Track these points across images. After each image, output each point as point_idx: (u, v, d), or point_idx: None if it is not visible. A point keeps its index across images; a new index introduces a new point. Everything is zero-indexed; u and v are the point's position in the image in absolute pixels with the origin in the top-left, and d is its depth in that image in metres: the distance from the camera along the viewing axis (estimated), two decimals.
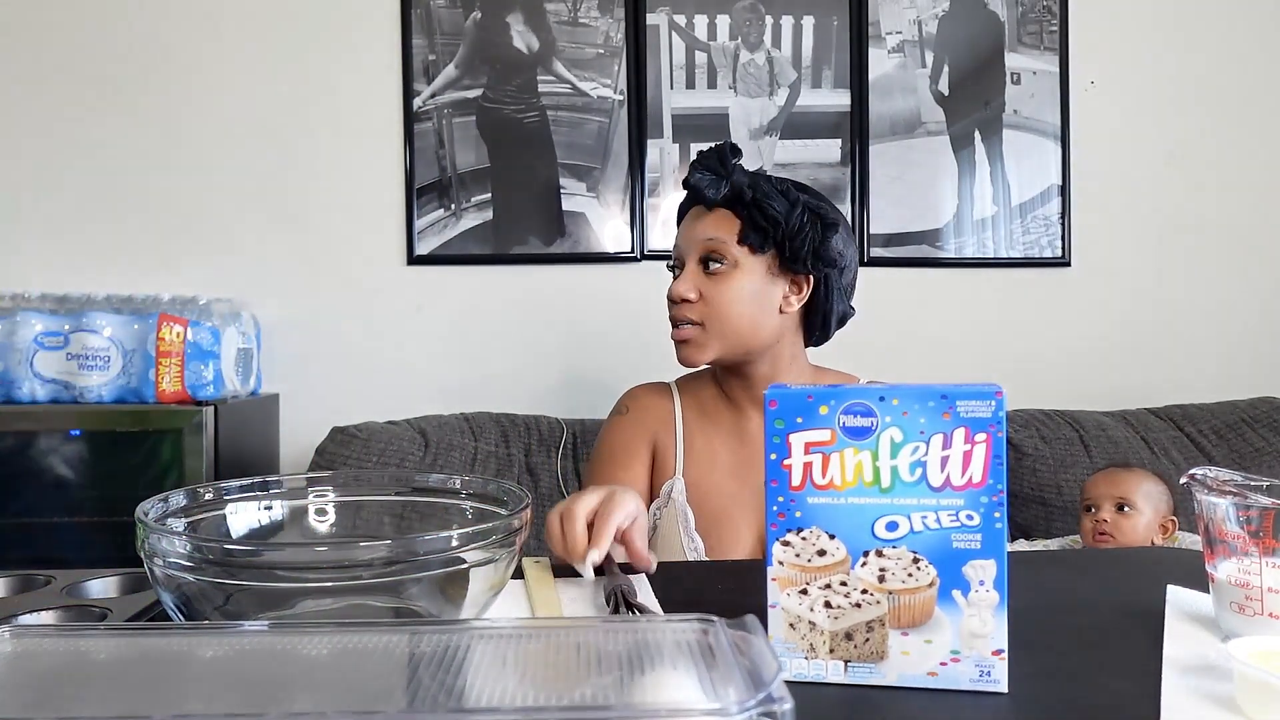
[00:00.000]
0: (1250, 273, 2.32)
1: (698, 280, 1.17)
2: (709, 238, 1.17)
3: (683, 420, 1.26)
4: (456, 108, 2.19)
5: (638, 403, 1.29)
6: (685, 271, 1.19)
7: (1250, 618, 0.70)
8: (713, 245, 1.17)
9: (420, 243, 2.19)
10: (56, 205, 2.16)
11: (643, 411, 1.27)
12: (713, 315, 1.17)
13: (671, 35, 2.22)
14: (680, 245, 1.22)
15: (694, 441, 1.24)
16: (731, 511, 1.19)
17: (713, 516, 1.19)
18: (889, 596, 0.63)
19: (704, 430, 1.25)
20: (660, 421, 1.26)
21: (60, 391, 1.86)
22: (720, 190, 1.17)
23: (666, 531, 1.19)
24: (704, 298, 1.17)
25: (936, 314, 2.26)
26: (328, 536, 0.85)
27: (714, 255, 1.17)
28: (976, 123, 2.26)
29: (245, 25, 2.17)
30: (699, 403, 1.27)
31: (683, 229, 1.22)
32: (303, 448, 2.13)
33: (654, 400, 1.28)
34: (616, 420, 1.29)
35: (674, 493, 1.21)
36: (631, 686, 0.46)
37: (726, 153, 1.18)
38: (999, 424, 0.62)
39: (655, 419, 1.26)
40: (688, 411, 1.26)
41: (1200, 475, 0.74)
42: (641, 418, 1.27)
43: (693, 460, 1.23)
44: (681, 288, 1.17)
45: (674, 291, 1.18)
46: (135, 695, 0.49)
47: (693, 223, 1.20)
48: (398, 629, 0.54)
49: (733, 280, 1.16)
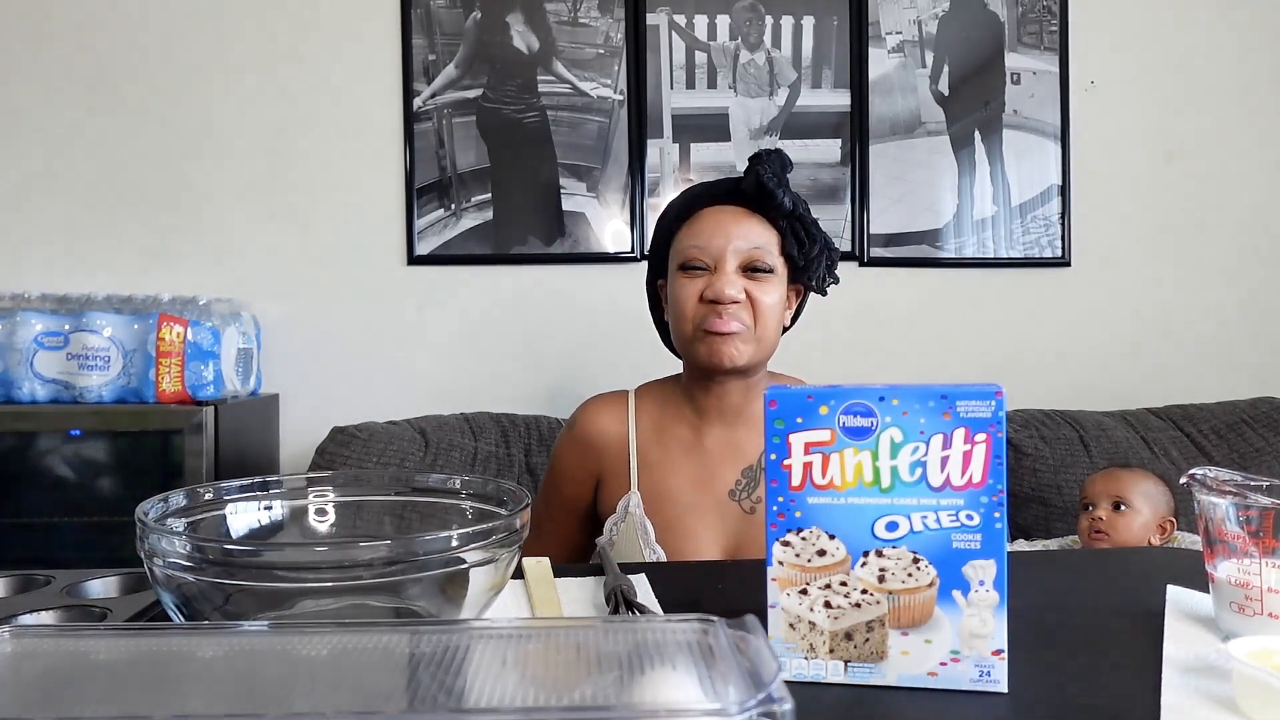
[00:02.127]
0: (1250, 273, 2.32)
1: (742, 283, 1.14)
2: (756, 245, 1.14)
3: (636, 432, 1.22)
4: (456, 108, 2.19)
5: (587, 420, 1.25)
6: (726, 273, 1.13)
7: (1250, 618, 0.70)
8: (759, 253, 1.14)
9: (420, 243, 2.19)
10: (56, 205, 2.16)
11: (590, 430, 1.24)
12: (759, 320, 1.14)
13: (671, 35, 2.22)
14: (714, 246, 1.14)
15: (649, 454, 1.21)
16: (689, 521, 1.17)
17: (671, 526, 1.17)
18: (889, 596, 0.63)
19: (661, 441, 1.22)
20: (609, 439, 1.23)
21: (60, 391, 1.86)
22: (784, 195, 1.14)
23: (625, 545, 1.18)
24: (749, 301, 1.14)
25: (936, 314, 2.26)
26: (328, 536, 0.85)
27: (760, 263, 1.14)
28: (976, 123, 2.26)
29: (245, 25, 2.17)
30: (659, 412, 1.24)
31: (711, 229, 1.16)
32: (303, 448, 2.13)
33: (605, 416, 1.25)
34: (565, 437, 1.27)
35: (630, 506, 1.18)
36: (631, 686, 0.46)
37: (789, 162, 1.16)
38: (999, 424, 0.62)
39: (604, 437, 1.23)
40: (643, 422, 1.23)
41: (1200, 475, 0.74)
42: (588, 437, 1.24)
43: (648, 472, 1.20)
44: (731, 290, 1.12)
45: (723, 293, 1.12)
46: (135, 695, 0.49)
47: (728, 225, 1.15)
48: (398, 629, 0.54)
49: (772, 288, 1.15)
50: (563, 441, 1.28)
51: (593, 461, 1.24)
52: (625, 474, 1.21)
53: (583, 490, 1.25)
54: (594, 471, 1.24)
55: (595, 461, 1.24)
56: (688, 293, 1.15)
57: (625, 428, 1.23)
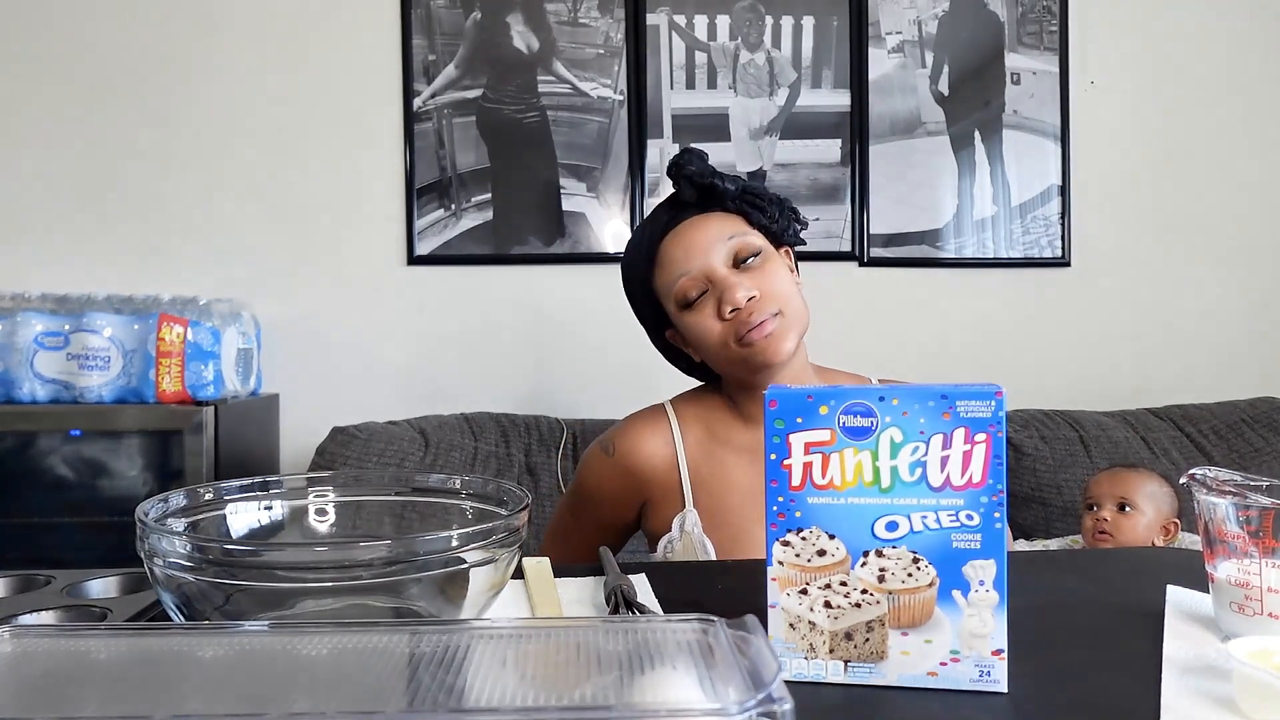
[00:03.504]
0: (1250, 273, 2.32)
1: (743, 279, 1.08)
2: (730, 237, 1.09)
3: (685, 449, 1.16)
4: (456, 108, 2.19)
5: (630, 447, 1.17)
6: (725, 278, 1.08)
7: (1250, 618, 0.70)
8: (738, 243, 1.09)
9: (420, 243, 2.19)
10: (56, 205, 2.16)
11: (635, 458, 1.17)
12: (780, 302, 1.08)
13: (671, 35, 2.22)
14: (696, 265, 1.09)
15: (701, 469, 1.16)
16: (754, 532, 1.11)
17: (733, 541, 1.13)
18: (889, 596, 0.63)
19: (712, 454, 1.16)
20: (657, 464, 1.16)
21: (60, 391, 1.86)
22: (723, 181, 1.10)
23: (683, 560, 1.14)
24: (760, 292, 1.08)
25: (936, 314, 2.26)
26: (328, 536, 0.85)
27: (745, 251, 1.09)
28: (976, 123, 2.26)
29: (245, 25, 2.17)
30: (705, 424, 1.18)
31: (683, 253, 1.10)
32: (303, 448, 2.13)
33: (650, 440, 1.17)
34: (603, 463, 1.19)
35: (687, 525, 1.13)
36: (631, 686, 0.46)
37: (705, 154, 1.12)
38: (999, 424, 0.62)
39: (651, 462, 1.16)
40: (689, 437, 1.17)
41: (1200, 475, 0.74)
42: (634, 466, 1.16)
43: (703, 489, 1.15)
44: (740, 293, 1.06)
45: (737, 299, 1.06)
46: (135, 695, 0.49)
47: (695, 239, 1.10)
48: (398, 629, 0.54)
49: (772, 267, 1.11)
50: (600, 466, 1.20)
51: (640, 488, 1.17)
52: (678, 494, 1.15)
53: (625, 512, 1.20)
54: (641, 497, 1.18)
55: (643, 488, 1.17)
56: (704, 324, 1.10)
57: (672, 449, 1.17)
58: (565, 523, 1.26)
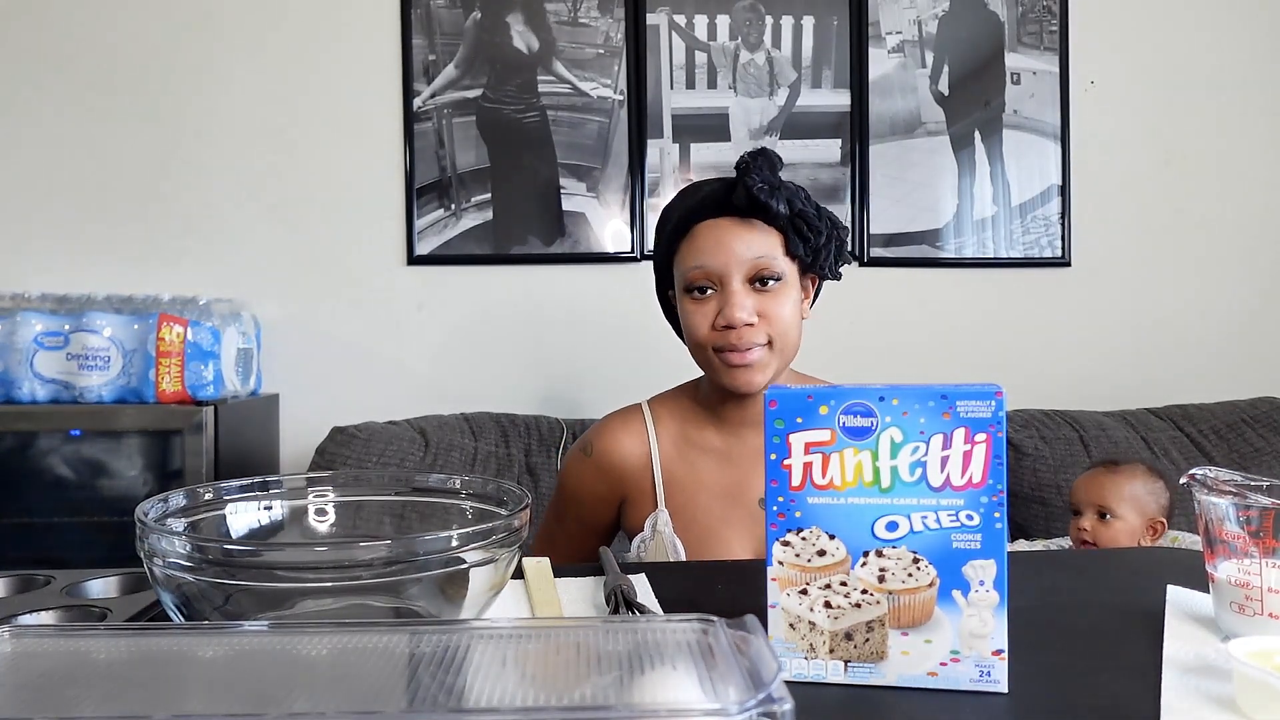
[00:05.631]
0: (1250, 273, 2.32)
1: (752, 300, 1.08)
2: (759, 255, 1.07)
3: (659, 450, 1.18)
4: (456, 108, 2.19)
5: (605, 445, 1.19)
6: (735, 292, 1.07)
7: (1250, 618, 0.70)
8: (764, 263, 1.08)
9: (420, 243, 2.19)
10: (56, 205, 2.16)
11: (610, 456, 1.19)
12: (776, 333, 1.09)
13: (671, 35, 2.22)
14: (717, 265, 1.08)
15: (674, 470, 1.17)
16: (722, 533, 1.14)
17: (702, 542, 1.14)
18: (889, 596, 0.63)
19: (685, 456, 1.18)
20: (631, 462, 1.18)
21: (60, 391, 1.86)
22: (779, 203, 1.06)
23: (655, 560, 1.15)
24: (763, 317, 1.08)
25: (936, 314, 2.26)
26: (328, 536, 0.85)
27: (768, 273, 1.08)
28: (976, 123, 2.26)
29: (245, 25, 2.17)
30: (679, 427, 1.19)
31: (711, 246, 1.09)
32: (303, 448, 2.13)
33: (625, 439, 1.19)
34: (581, 462, 1.21)
35: (659, 525, 1.15)
36: (631, 686, 0.46)
37: (778, 161, 1.09)
38: (999, 424, 0.62)
39: (625, 462, 1.18)
40: (664, 439, 1.19)
41: (1200, 475, 0.74)
42: (609, 463, 1.18)
43: (675, 489, 1.16)
44: (742, 313, 1.06)
45: (736, 318, 1.06)
46: (135, 695, 0.49)
47: (727, 240, 1.08)
48: (398, 629, 0.54)
49: (786, 295, 1.09)
50: (578, 466, 1.22)
51: (615, 486, 1.19)
52: (650, 494, 1.17)
53: (604, 510, 1.21)
54: (617, 495, 1.19)
55: (618, 486, 1.19)
56: (698, 319, 1.10)
57: (646, 447, 1.18)
58: (550, 526, 1.28)
